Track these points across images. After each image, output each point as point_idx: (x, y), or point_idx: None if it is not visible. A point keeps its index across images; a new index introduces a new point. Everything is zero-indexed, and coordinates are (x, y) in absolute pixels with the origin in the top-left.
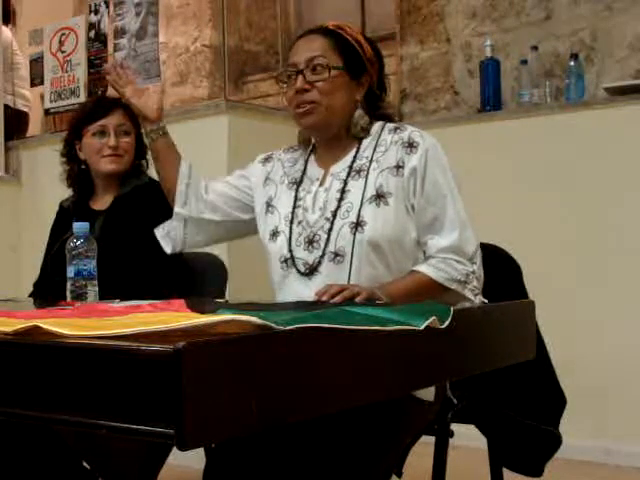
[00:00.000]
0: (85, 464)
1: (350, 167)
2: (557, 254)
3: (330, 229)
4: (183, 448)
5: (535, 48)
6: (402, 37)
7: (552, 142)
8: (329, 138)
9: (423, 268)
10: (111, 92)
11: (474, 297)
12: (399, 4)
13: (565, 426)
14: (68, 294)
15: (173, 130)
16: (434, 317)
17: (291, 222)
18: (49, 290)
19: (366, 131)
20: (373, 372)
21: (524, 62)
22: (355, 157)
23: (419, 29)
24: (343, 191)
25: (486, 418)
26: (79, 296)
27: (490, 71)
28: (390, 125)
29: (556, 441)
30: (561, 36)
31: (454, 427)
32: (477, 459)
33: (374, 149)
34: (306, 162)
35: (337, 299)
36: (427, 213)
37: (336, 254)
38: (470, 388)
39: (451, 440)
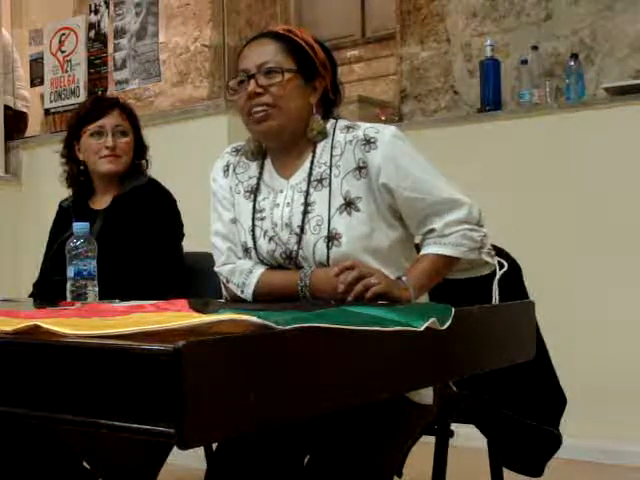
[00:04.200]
0: (85, 464)
1: (309, 176)
2: (557, 254)
3: (301, 245)
4: (183, 447)
5: (535, 48)
6: (402, 37)
7: (552, 142)
8: (283, 144)
9: (437, 249)
10: (110, 92)
11: (491, 259)
12: (399, 4)
13: (565, 426)
14: (68, 294)
15: (173, 130)
16: (434, 318)
17: (254, 237)
18: (49, 290)
19: (322, 134)
20: (373, 372)
21: (524, 62)
22: (312, 164)
23: (419, 29)
24: (307, 204)
25: (486, 418)
26: (79, 296)
27: (490, 71)
28: (341, 124)
29: (556, 441)
30: (561, 36)
31: (454, 427)
32: (477, 459)
33: (330, 153)
34: (261, 168)
35: (350, 297)
36: (418, 204)
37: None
38: (470, 388)
39: (451, 440)
